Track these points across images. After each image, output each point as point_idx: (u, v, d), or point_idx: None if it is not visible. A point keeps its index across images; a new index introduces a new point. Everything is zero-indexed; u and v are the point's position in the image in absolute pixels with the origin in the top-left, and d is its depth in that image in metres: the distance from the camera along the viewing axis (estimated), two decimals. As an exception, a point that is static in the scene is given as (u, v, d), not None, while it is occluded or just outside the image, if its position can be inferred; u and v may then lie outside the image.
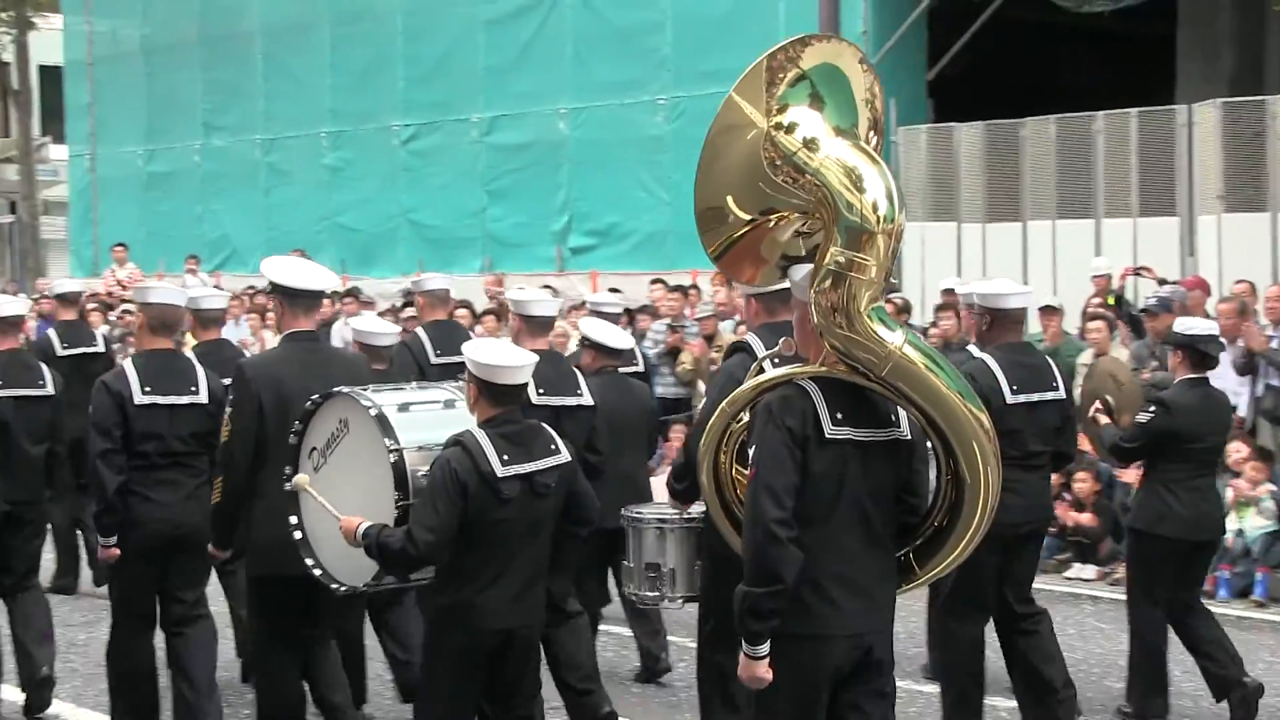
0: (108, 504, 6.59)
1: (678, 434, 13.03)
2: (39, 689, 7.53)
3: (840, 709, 4.60)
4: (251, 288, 19.80)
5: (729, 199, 4.77)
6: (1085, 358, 11.40)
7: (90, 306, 16.42)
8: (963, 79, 17.90)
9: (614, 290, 13.80)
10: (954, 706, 6.88)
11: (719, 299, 13.84)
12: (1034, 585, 7.13)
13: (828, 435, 4.49)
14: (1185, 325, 7.69)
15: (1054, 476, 7.81)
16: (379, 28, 21.66)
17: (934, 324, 12.19)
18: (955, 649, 6.90)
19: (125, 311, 16.82)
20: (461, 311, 12.96)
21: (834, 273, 4.46)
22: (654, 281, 15.39)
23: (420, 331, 8.80)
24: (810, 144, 4.55)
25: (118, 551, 6.67)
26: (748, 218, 4.75)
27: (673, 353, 13.09)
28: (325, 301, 9.88)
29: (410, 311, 13.84)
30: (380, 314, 13.89)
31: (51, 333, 10.77)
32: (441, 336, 8.47)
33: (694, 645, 6.46)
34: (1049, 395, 6.81)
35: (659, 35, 18.62)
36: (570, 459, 5.42)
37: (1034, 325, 11.87)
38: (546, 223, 19.79)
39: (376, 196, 21.89)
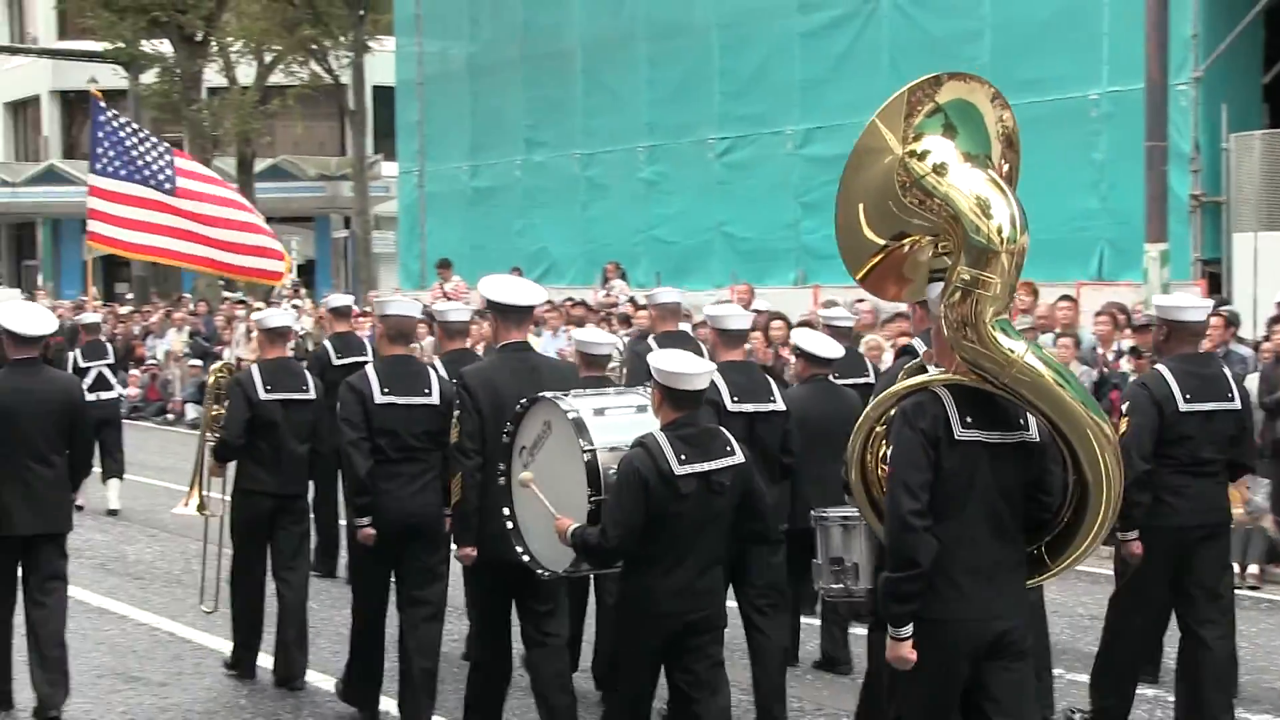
0: (360, 485, 7.28)
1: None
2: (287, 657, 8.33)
3: (979, 686, 5.01)
4: (570, 299, 20.32)
5: (863, 222, 5.23)
6: None
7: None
8: (1302, 82, 17.05)
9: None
10: (1108, 688, 7.22)
11: (1039, 312, 13.48)
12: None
13: (957, 436, 4.93)
14: None
15: None
16: (695, 43, 21.92)
17: (1267, 337, 11.62)
18: (1120, 640, 7.23)
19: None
20: (777, 324, 12.99)
21: (962, 289, 4.87)
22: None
23: (651, 341, 9.45)
24: (939, 169, 4.98)
25: (373, 531, 7.29)
26: (881, 242, 5.24)
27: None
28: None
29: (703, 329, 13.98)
30: (696, 325, 14.01)
31: (327, 343, 11.30)
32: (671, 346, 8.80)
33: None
34: (1224, 405, 6.99)
35: (977, 43, 18.27)
36: (745, 460, 5.84)
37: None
38: (861, 235, 19.67)
39: (691, 209, 22.14)
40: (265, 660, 8.57)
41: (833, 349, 8.22)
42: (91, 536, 12.93)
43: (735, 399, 7.21)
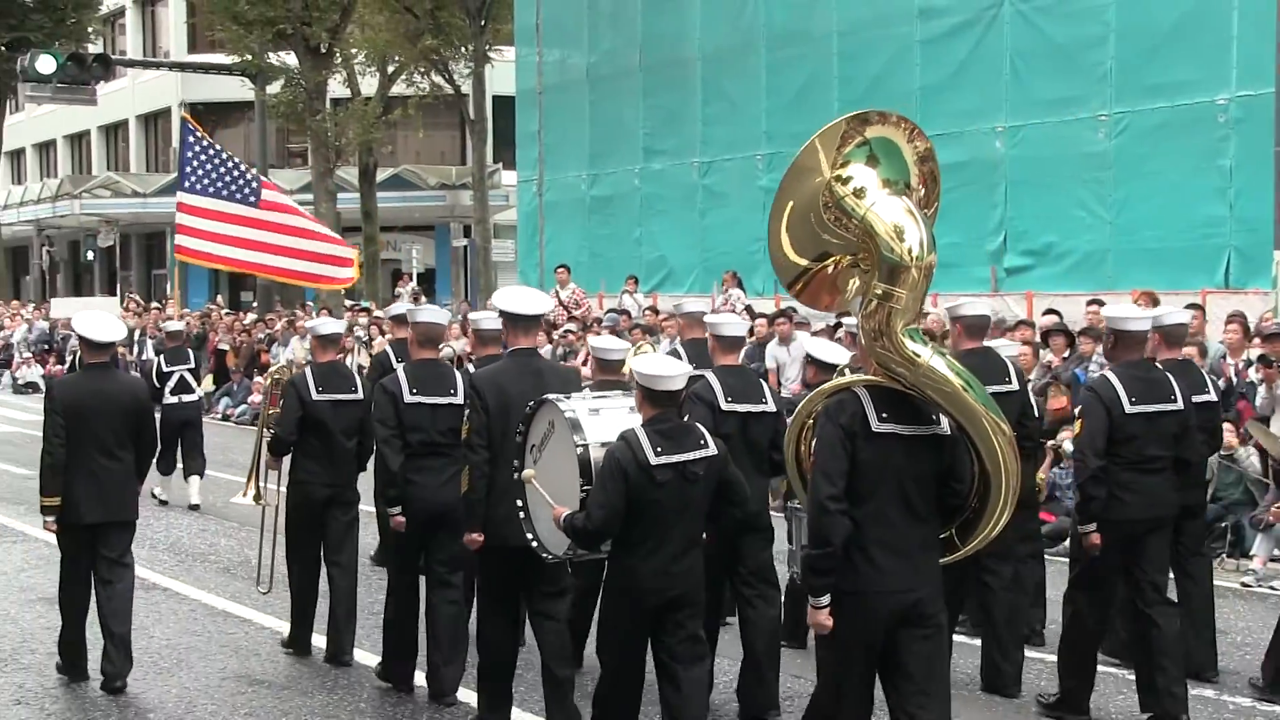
0: (391, 479, 8.10)
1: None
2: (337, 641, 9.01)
3: (894, 650, 5.70)
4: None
5: (786, 245, 6.00)
6: None
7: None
8: None
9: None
10: (1072, 669, 7.74)
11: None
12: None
13: (874, 430, 5.62)
14: None
15: None
16: (814, 50, 21.82)
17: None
18: (1077, 619, 7.73)
19: (569, 331, 17.57)
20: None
21: (876, 301, 5.63)
22: (1091, 302, 14.89)
23: (679, 347, 10.27)
24: (859, 192, 5.72)
25: (404, 519, 8.08)
26: (803, 263, 6.00)
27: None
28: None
29: (849, 322, 13.92)
30: (815, 334, 13.96)
31: (389, 349, 11.68)
32: (695, 354, 9.40)
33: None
34: (1167, 407, 7.59)
35: (1101, 49, 17.99)
36: (718, 452, 6.44)
37: None
38: (981, 242, 19.43)
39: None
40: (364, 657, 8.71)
41: (839, 355, 8.53)
42: (217, 541, 13.19)
43: (729, 399, 7.74)
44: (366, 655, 8.97)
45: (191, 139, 17.91)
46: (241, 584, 10.03)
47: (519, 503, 6.90)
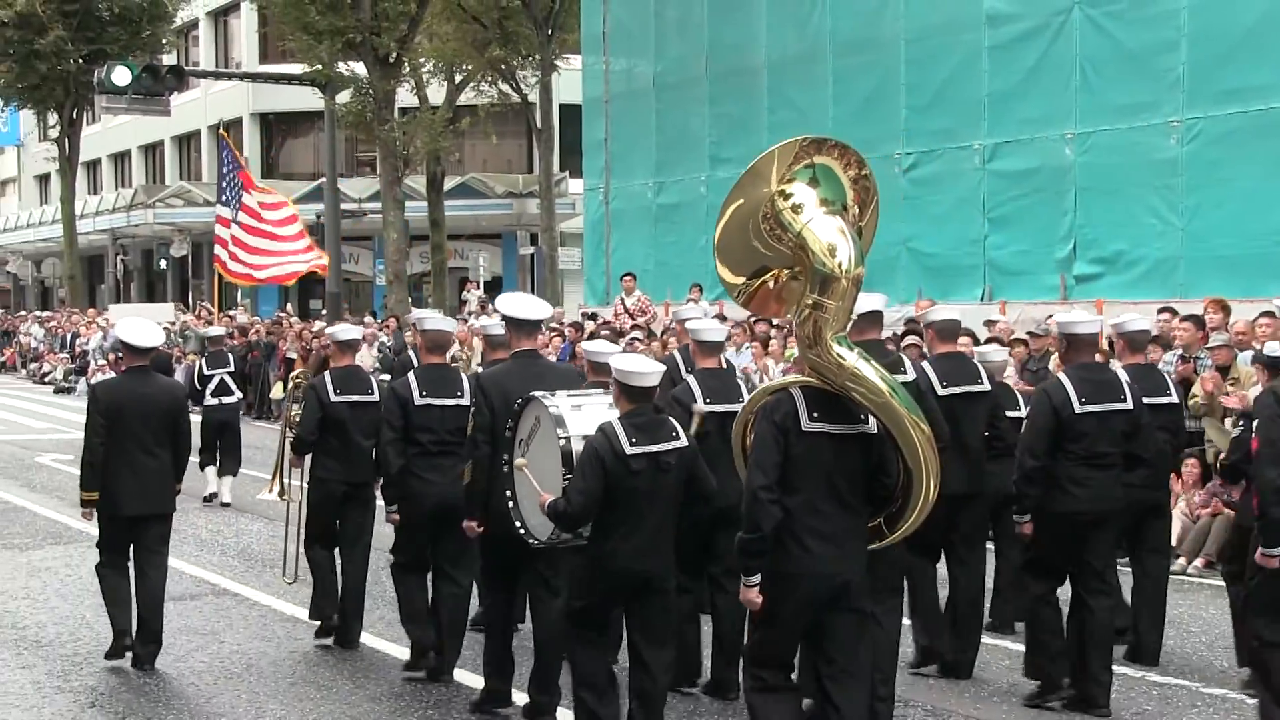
0: (390, 479, 8.75)
1: (1190, 466, 12.55)
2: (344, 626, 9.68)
3: (821, 631, 6.25)
4: (750, 318, 20.28)
5: (722, 267, 6.52)
6: None
7: (603, 333, 17.46)
8: None
9: None
10: (1032, 647, 8.28)
11: (1238, 329, 13.06)
12: None
13: (804, 428, 6.13)
14: None
15: None
16: (882, 57, 21.70)
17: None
18: (1029, 602, 8.30)
19: (635, 339, 17.60)
20: (963, 340, 12.78)
21: (808, 310, 6.14)
22: (1162, 310, 14.72)
23: (678, 355, 10.59)
24: (796, 209, 6.20)
25: (398, 517, 8.76)
26: (739, 281, 6.50)
27: (1184, 384, 12.45)
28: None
29: (911, 340, 13.84)
30: (883, 341, 13.88)
31: (412, 352, 12.18)
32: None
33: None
34: (1117, 406, 8.02)
35: (1173, 54, 17.75)
36: (690, 445, 6.94)
37: None
38: (1050, 250, 19.24)
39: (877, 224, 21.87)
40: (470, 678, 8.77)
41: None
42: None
43: (708, 400, 8.09)
44: (465, 675, 8.95)
45: (226, 154, 18.81)
46: (310, 590, 10.16)
47: (508, 493, 7.40)
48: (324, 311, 32.91)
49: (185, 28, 52.03)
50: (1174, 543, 12.05)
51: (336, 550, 9.76)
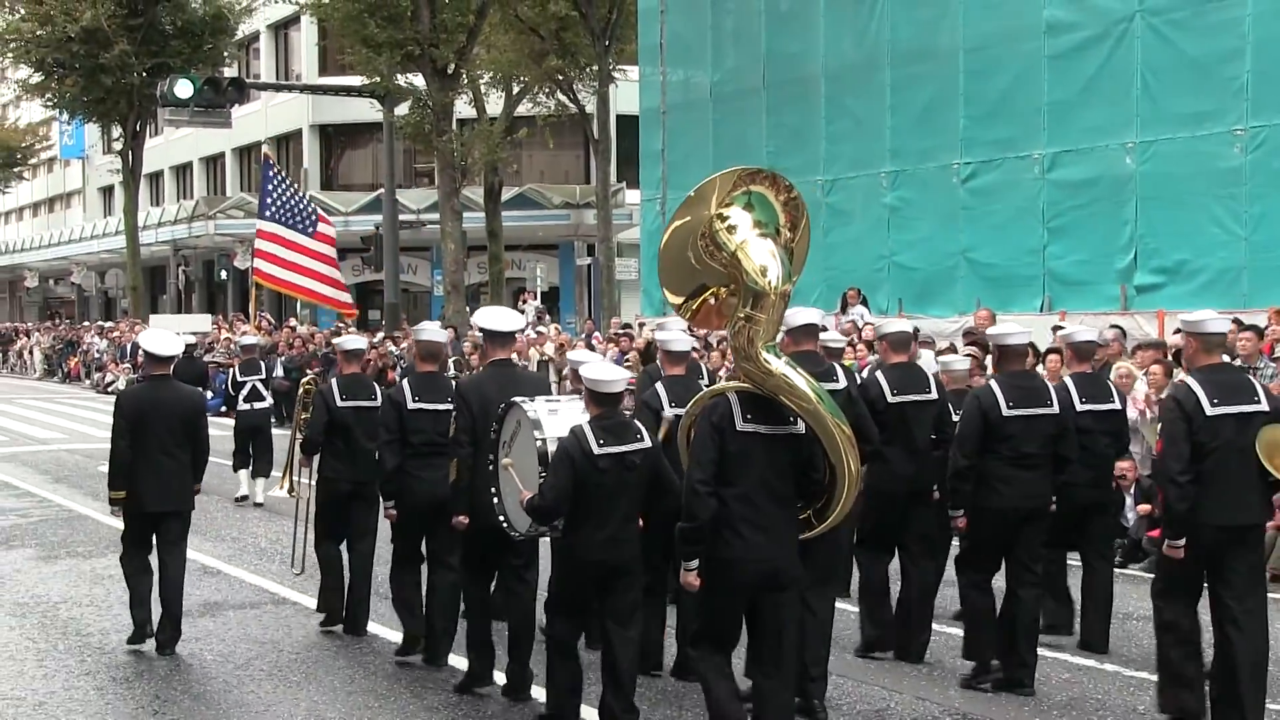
0: (387, 477, 9.36)
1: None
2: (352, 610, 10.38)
3: (755, 612, 6.94)
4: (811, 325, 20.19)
5: (665, 286, 7.39)
6: None
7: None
8: None
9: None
10: (971, 641, 8.96)
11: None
12: None
13: (738, 428, 6.84)
14: None
15: None
16: (941, 67, 21.60)
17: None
18: (964, 590, 9.03)
19: (693, 348, 17.61)
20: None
21: (742, 322, 6.86)
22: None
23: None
24: (731, 229, 6.99)
25: (395, 513, 9.40)
26: (678, 301, 7.33)
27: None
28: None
29: (970, 350, 13.74)
30: (940, 352, 13.81)
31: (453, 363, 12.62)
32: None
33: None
34: (1043, 410, 8.70)
35: (1237, 63, 17.58)
36: (653, 446, 7.60)
37: None
38: (1110, 260, 19.09)
39: (934, 235, 21.79)
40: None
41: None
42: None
43: (673, 404, 8.61)
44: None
45: (271, 172, 19.82)
46: (385, 600, 10.23)
47: (493, 489, 8.09)
48: (382, 323, 33.09)
49: (246, 41, 52.53)
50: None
51: (344, 546, 10.42)
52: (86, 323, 54.04)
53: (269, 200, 20.00)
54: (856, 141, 23.24)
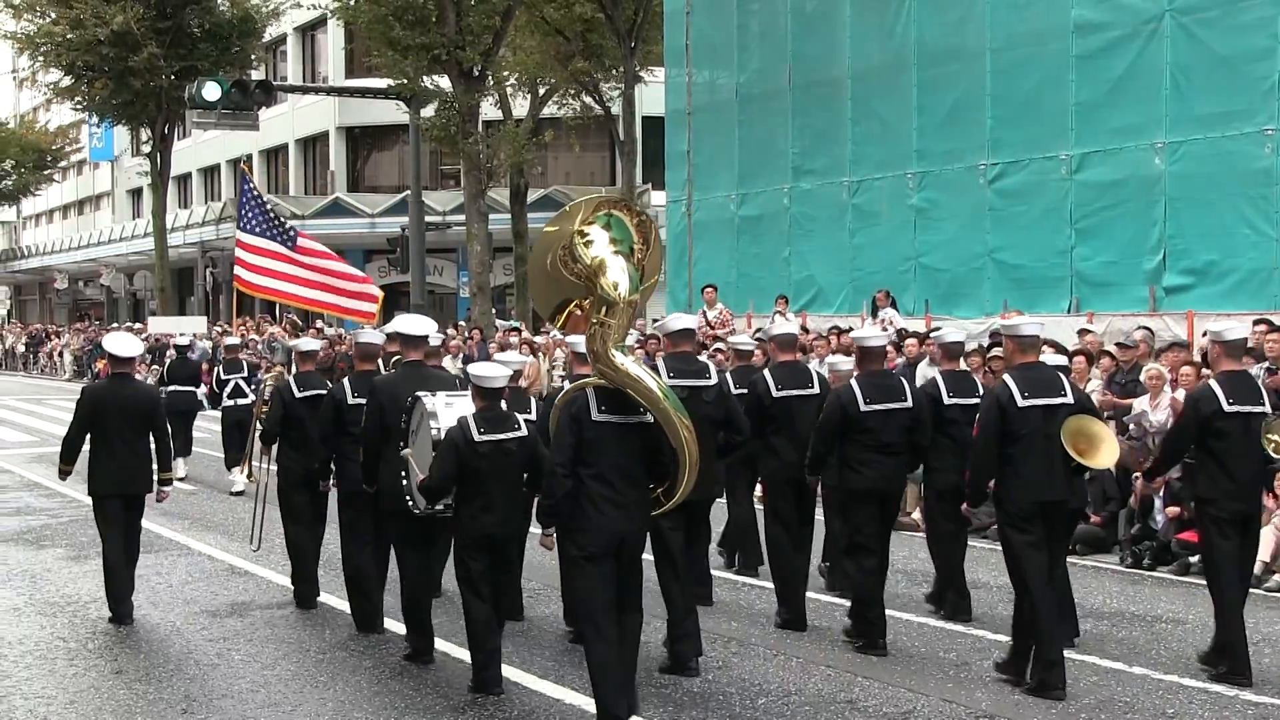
0: (323, 463, 10.80)
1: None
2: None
3: (614, 573, 7.99)
4: (836, 328, 20.18)
5: (534, 301, 8.59)
6: None
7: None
8: None
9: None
10: (856, 614, 9.95)
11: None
12: None
13: (593, 418, 7.95)
14: None
15: None
16: (967, 68, 21.52)
17: None
18: (857, 576, 9.92)
19: (718, 350, 17.59)
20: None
21: (595, 326, 8.01)
22: (1257, 322, 14.48)
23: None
24: (588, 243, 8.17)
25: (334, 487, 10.76)
26: (548, 314, 8.76)
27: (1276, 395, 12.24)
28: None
29: (997, 351, 13.69)
30: (969, 355, 13.76)
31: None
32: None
33: None
34: (898, 405, 9.87)
35: (1268, 62, 17.45)
36: (528, 434, 8.73)
37: None
38: (1139, 261, 18.98)
39: (961, 236, 21.71)
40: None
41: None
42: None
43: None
44: (511, 671, 9.10)
45: (247, 186, 20.41)
46: (392, 599, 10.25)
47: (403, 473, 9.17)
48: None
49: (273, 43, 52.71)
50: (1267, 558, 11.89)
51: (309, 527, 11.41)
52: (114, 325, 54.27)
53: (245, 212, 20.54)
54: (883, 143, 23.18)
